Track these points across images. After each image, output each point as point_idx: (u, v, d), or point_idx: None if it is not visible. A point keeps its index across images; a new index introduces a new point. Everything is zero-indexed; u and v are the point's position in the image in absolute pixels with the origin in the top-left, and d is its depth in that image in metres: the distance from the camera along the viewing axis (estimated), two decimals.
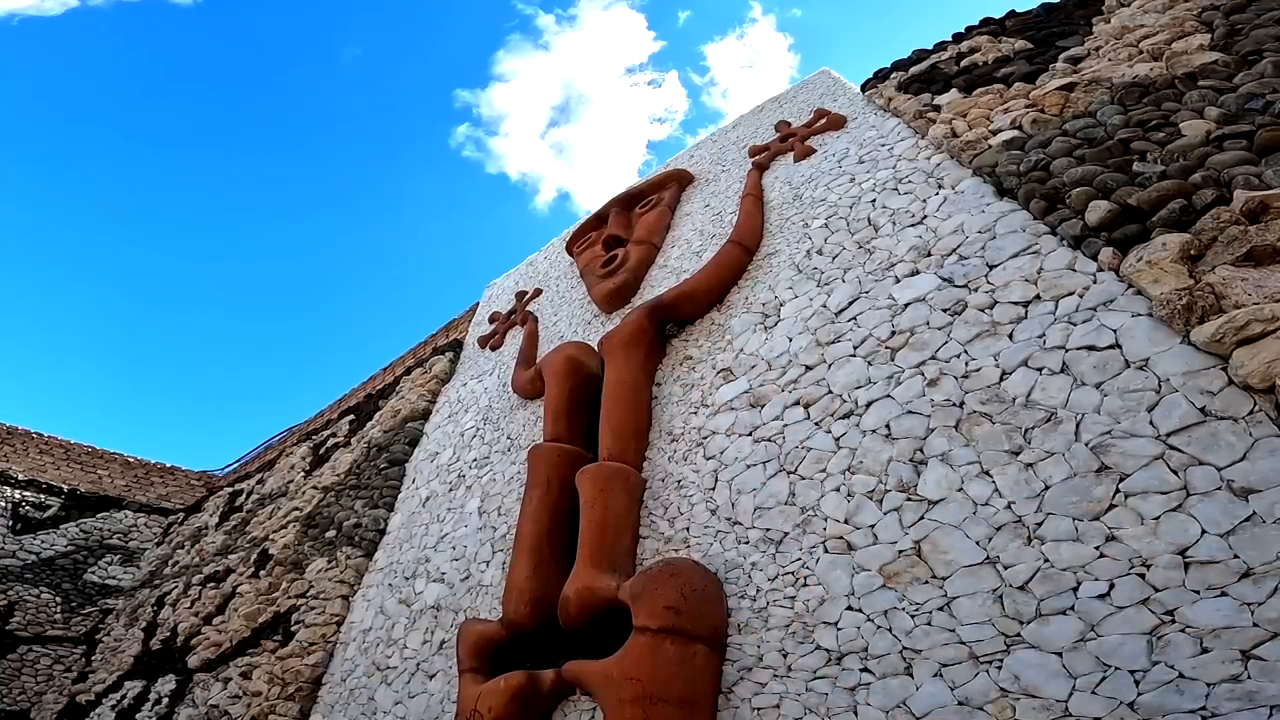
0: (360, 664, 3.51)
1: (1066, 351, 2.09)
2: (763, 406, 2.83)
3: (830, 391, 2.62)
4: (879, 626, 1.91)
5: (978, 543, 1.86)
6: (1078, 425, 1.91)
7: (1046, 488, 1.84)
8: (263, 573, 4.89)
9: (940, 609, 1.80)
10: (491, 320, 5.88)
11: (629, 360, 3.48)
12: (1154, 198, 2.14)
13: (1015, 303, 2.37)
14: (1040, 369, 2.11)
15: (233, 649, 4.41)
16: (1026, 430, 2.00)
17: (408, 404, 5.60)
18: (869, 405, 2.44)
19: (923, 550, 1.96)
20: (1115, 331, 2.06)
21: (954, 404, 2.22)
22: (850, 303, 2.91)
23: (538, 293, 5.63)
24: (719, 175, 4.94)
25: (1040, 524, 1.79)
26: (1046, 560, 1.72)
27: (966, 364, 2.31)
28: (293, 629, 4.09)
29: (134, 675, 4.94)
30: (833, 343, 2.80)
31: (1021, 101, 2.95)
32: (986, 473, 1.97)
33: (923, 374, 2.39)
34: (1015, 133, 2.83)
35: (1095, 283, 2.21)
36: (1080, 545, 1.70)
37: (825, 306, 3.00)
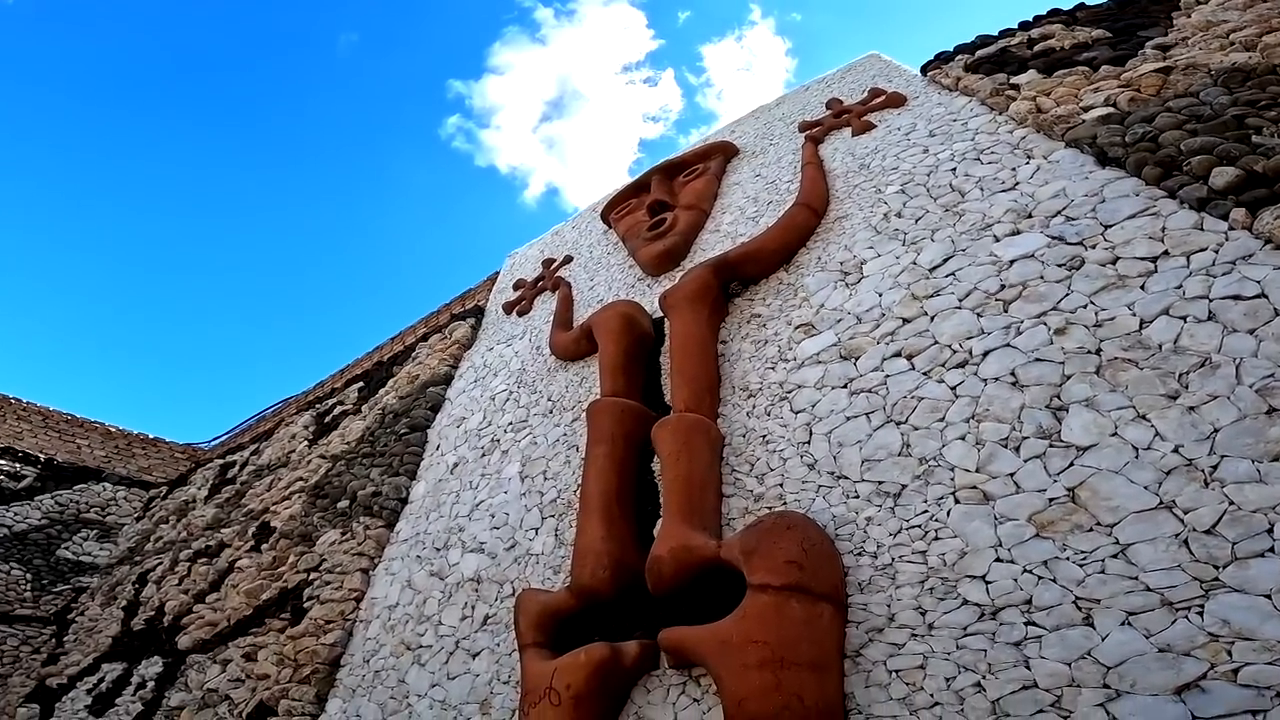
0: (386, 643, 3.22)
1: (1211, 301, 2.02)
2: (857, 359, 2.71)
3: (936, 342, 2.52)
4: (1040, 577, 1.78)
5: (1145, 487, 1.75)
6: (1237, 369, 1.84)
7: (1215, 430, 1.75)
8: (265, 546, 4.52)
9: (1114, 557, 1.68)
10: (516, 287, 5.67)
11: (695, 315, 3.31)
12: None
13: (1141, 258, 2.30)
14: (1184, 317, 2.03)
15: (231, 628, 4.04)
16: (1181, 375, 1.91)
17: (427, 369, 5.31)
18: (986, 354, 2.34)
19: (1079, 497, 1.84)
20: (1259, 283, 2.00)
21: (1089, 351, 2.14)
22: (945, 260, 2.83)
23: (568, 259, 5.46)
24: (766, 148, 4.84)
25: (1215, 467, 1.70)
26: (1232, 503, 1.62)
27: (1097, 314, 2.22)
28: (305, 606, 3.76)
29: (113, 657, 4.49)
30: (930, 297, 2.71)
31: (1113, 83, 2.93)
32: (1143, 417, 1.88)
33: (1045, 324, 2.30)
34: (1110, 110, 2.81)
35: (1228, 240, 2.17)
36: (1265, 486, 1.61)
37: (916, 264, 2.91)
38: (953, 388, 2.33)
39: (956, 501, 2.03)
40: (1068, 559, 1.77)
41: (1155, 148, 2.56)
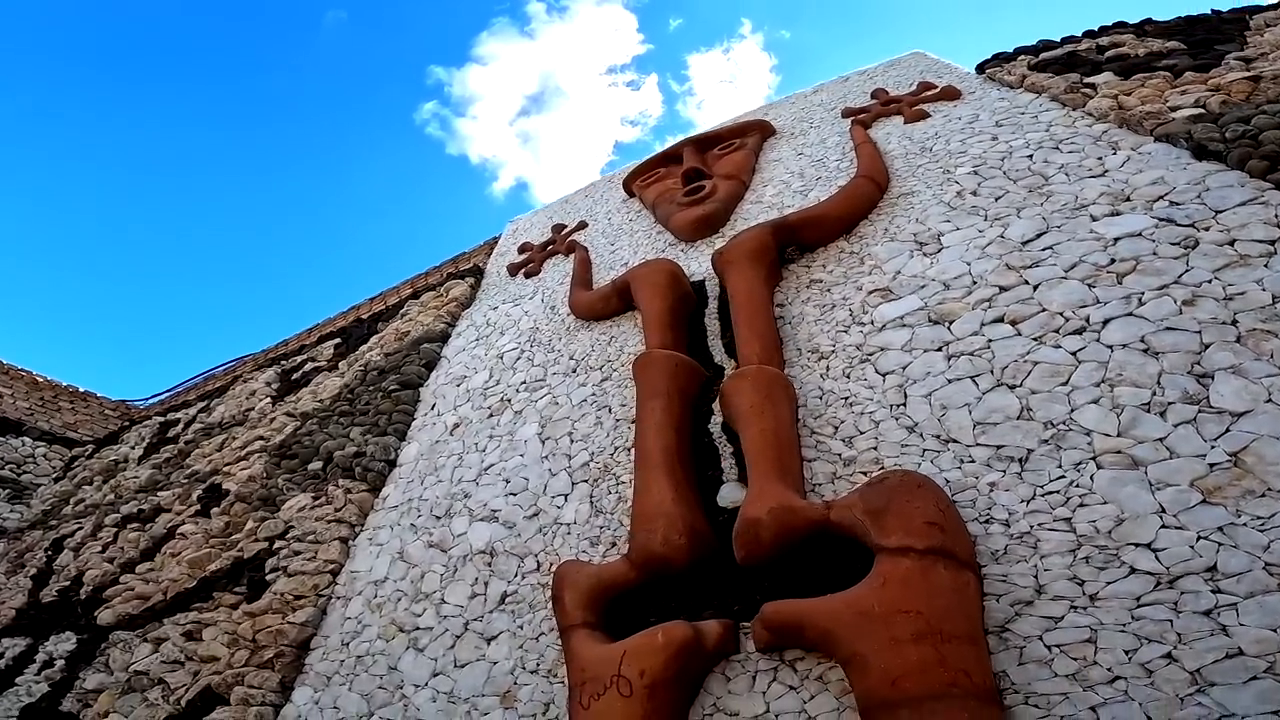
0: (371, 624, 2.70)
1: None
2: (950, 323, 2.53)
3: (1044, 310, 2.38)
4: (1220, 544, 1.60)
5: None
6: None
7: None
8: (215, 511, 3.84)
9: None
10: (522, 250, 5.31)
11: (755, 273, 3.05)
12: None
13: (1260, 240, 2.25)
14: None
15: (168, 603, 3.37)
16: None
17: (420, 326, 4.78)
18: (1106, 322, 2.21)
19: (1244, 462, 1.69)
20: None
21: (1224, 322, 2.03)
22: (1038, 235, 2.71)
23: (582, 225, 5.18)
24: (807, 130, 4.70)
25: None
26: None
27: (1224, 289, 2.13)
28: (266, 578, 3.16)
29: (14, 631, 3.67)
30: (1029, 267, 2.58)
31: (1200, 87, 2.95)
32: None
33: (1170, 296, 2.19)
34: (1201, 110, 2.81)
35: None
36: None
37: (1005, 237, 2.78)
38: (1073, 353, 2.19)
39: (1099, 466, 1.85)
40: (1245, 524, 1.61)
41: (1257, 145, 2.53)
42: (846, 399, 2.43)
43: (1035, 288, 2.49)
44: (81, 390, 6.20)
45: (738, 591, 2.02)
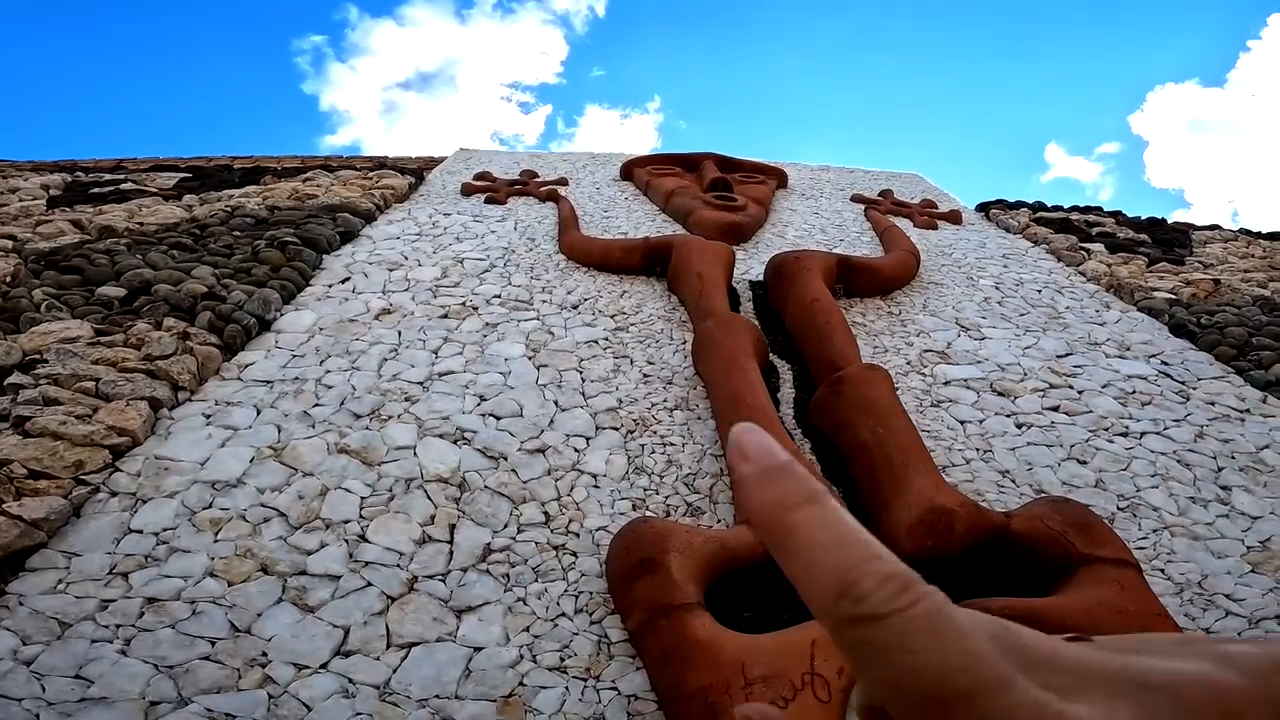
0: (194, 548, 1.57)
1: None
2: (1015, 398, 2.50)
3: (1093, 411, 2.48)
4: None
5: None
6: None
7: None
8: None
9: None
10: (481, 177, 4.53)
11: (823, 284, 2.82)
12: None
13: (1234, 407, 2.63)
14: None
15: None
16: None
17: (337, 195, 3.60)
18: (1143, 434, 2.37)
19: (1269, 548, 1.81)
20: None
21: (1228, 455, 2.27)
22: (1067, 354, 2.88)
23: (563, 181, 4.66)
24: (818, 197, 4.81)
25: None
26: None
27: (1219, 433, 2.41)
28: None
29: None
30: (1070, 376, 2.70)
31: (1173, 277, 3.61)
32: (1273, 513, 1.96)
33: (1187, 425, 2.42)
34: (1174, 297, 3.41)
35: None
36: None
37: (1039, 348, 2.92)
38: (1127, 449, 2.28)
39: (1172, 535, 1.89)
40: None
41: (1223, 335, 3.03)
42: (930, 432, 2.20)
43: (1080, 393, 2.61)
44: None
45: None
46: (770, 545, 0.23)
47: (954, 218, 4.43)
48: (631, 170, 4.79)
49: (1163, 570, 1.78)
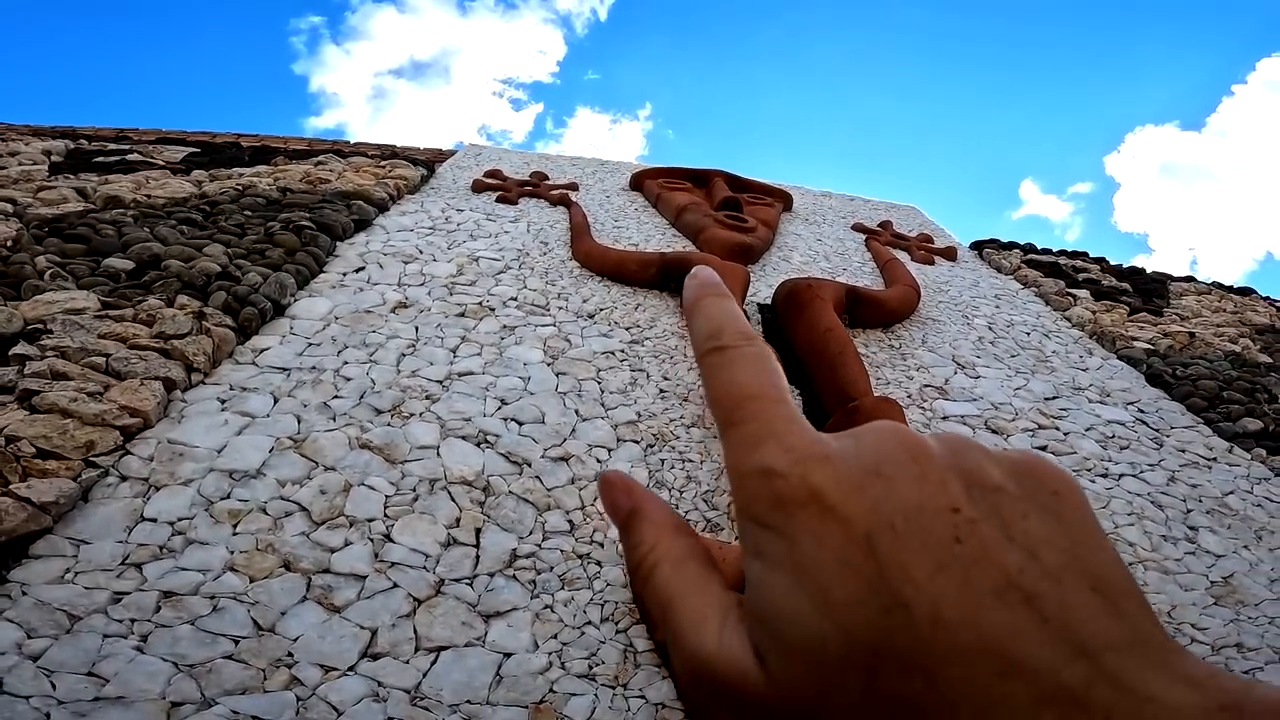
0: (212, 541, 1.55)
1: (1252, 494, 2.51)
2: (1007, 436, 2.60)
3: (1078, 453, 2.57)
4: (1240, 628, 1.75)
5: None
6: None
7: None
8: None
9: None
10: (493, 175, 4.53)
11: (833, 312, 2.90)
12: None
13: (1203, 455, 2.79)
14: (1247, 493, 2.48)
15: None
16: (1258, 530, 2.25)
17: (349, 182, 3.56)
18: (1121, 476, 2.47)
19: (1231, 584, 1.94)
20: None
21: (1197, 499, 2.40)
22: (1055, 397, 3.02)
23: (574, 186, 4.68)
24: (820, 223, 4.93)
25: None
26: None
27: (1189, 479, 2.55)
28: None
29: None
30: (1057, 418, 2.82)
31: (1151, 328, 3.80)
32: (1245, 547, 2.11)
33: (1161, 469, 2.55)
34: (1151, 347, 3.60)
35: (1249, 466, 2.76)
36: None
37: (1029, 389, 3.05)
38: (1107, 488, 2.40)
39: (1145, 569, 2.00)
40: (1246, 620, 1.79)
41: (1195, 388, 3.17)
42: None
43: (1066, 435, 2.74)
44: None
45: None
46: (686, 312, 0.37)
47: (949, 254, 4.59)
48: (642, 181, 4.84)
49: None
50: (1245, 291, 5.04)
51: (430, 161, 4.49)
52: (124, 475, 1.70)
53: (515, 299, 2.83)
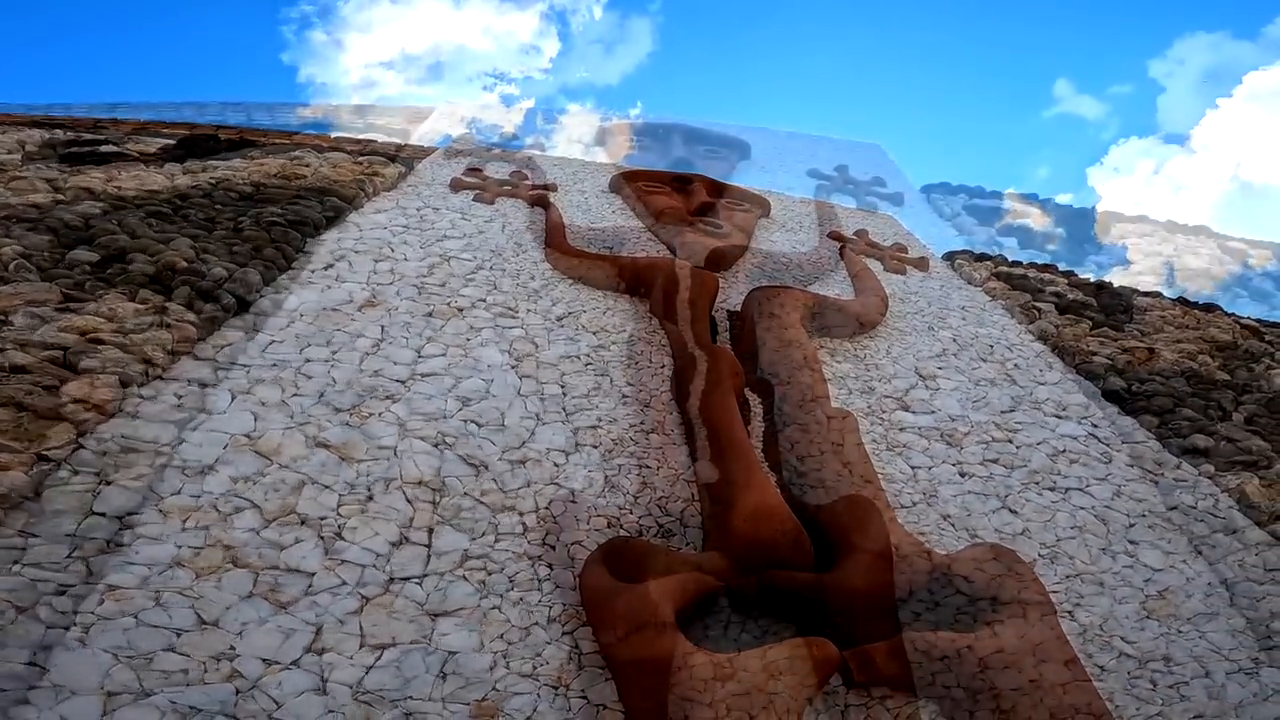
0: (161, 535, 1.57)
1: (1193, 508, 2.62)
2: (960, 448, 2.70)
3: (1028, 466, 2.73)
4: (1169, 642, 1.85)
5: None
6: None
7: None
8: None
9: None
10: (472, 172, 4.53)
11: (803, 322, 2.96)
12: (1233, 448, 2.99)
13: (1149, 469, 2.90)
14: (1191, 508, 2.59)
15: None
16: (1200, 539, 2.32)
17: (326, 178, 3.55)
18: (1068, 490, 2.62)
19: (1166, 597, 1.97)
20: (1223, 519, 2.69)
21: (1140, 514, 2.52)
22: (1011, 409, 3.10)
23: (552, 187, 4.69)
24: (796, 229, 5.00)
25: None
26: None
27: (1135, 492, 2.67)
28: None
29: None
30: (1013, 431, 2.91)
31: (1112, 344, 3.91)
32: (1184, 562, 2.17)
33: (1107, 484, 2.67)
34: (1110, 362, 3.70)
35: (1195, 482, 2.86)
36: None
37: (986, 400, 3.12)
38: (1053, 502, 2.51)
39: (1082, 582, 2.21)
40: (1176, 634, 1.85)
41: (1149, 403, 3.29)
42: (885, 475, 2.36)
43: (1019, 448, 2.83)
44: None
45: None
46: None
47: (921, 264, 4.68)
48: (622, 183, 4.86)
49: (1071, 613, 2.02)
50: (1210, 308, 5.19)
51: (411, 158, 4.48)
52: (76, 469, 1.70)
53: (485, 300, 2.85)
